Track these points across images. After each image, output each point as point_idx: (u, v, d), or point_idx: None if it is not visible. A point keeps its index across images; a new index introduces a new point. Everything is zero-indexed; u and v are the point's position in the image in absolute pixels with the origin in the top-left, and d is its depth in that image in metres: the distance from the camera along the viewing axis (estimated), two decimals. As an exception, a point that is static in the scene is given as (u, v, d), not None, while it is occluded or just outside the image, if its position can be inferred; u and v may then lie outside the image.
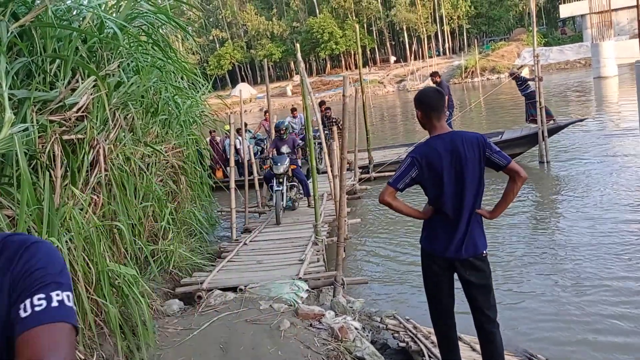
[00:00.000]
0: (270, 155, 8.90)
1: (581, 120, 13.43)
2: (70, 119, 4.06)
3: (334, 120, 12.60)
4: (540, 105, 11.55)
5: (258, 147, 14.12)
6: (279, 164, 8.39)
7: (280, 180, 8.46)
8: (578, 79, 32.26)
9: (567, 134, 13.62)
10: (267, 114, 15.10)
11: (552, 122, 12.18)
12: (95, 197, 4.18)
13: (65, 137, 3.92)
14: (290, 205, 8.91)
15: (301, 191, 9.25)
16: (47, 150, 3.70)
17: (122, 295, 4.02)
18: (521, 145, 12.25)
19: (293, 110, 16.50)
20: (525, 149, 12.33)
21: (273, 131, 10.31)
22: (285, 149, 8.77)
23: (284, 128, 9.13)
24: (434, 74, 13.41)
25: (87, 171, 4.10)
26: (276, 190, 8.30)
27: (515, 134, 12.71)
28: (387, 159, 12.79)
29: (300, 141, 9.82)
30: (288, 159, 8.55)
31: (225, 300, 5.05)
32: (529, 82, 12.38)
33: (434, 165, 3.13)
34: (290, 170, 8.66)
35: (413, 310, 5.67)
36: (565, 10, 51.22)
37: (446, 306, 3.40)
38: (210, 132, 12.71)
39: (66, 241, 3.47)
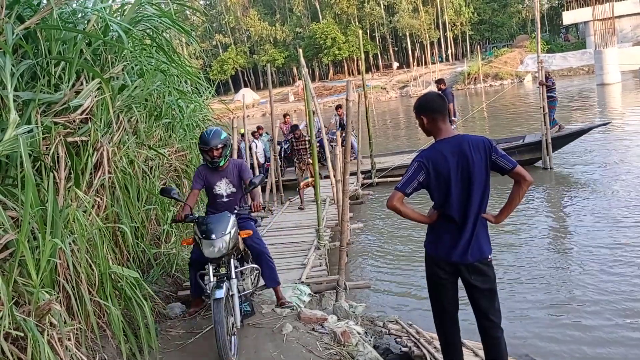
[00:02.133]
0: (189, 208, 4.51)
1: (605, 124, 13.44)
2: (74, 121, 4.06)
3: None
4: (543, 111, 11.54)
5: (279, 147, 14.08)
6: (213, 237, 4.09)
7: (221, 269, 4.30)
8: (581, 86, 32.27)
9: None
10: (287, 117, 15.12)
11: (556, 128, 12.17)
12: (98, 199, 4.18)
13: (69, 139, 3.92)
14: (248, 311, 4.65)
15: (261, 278, 4.81)
16: (51, 152, 3.70)
17: (125, 298, 4.01)
18: (539, 150, 12.18)
19: (258, 128, 14.71)
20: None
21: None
22: (224, 186, 4.65)
23: (218, 146, 4.48)
24: (439, 81, 13.41)
25: (90, 173, 4.09)
26: (215, 299, 3.85)
27: (536, 138, 12.57)
28: (389, 164, 12.77)
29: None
30: (233, 219, 4.25)
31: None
32: (555, 87, 12.31)
33: (440, 169, 3.12)
34: (239, 243, 4.43)
35: (416, 315, 5.66)
36: (568, 17, 51.32)
37: (450, 311, 3.38)
38: None
39: (69, 243, 3.46)
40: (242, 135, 13.52)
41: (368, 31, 63.96)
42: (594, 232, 7.34)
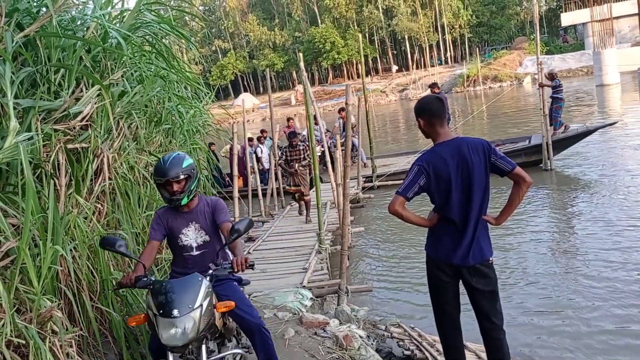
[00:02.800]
0: (143, 267, 3.22)
1: (612, 124, 13.40)
2: (74, 128, 4.07)
3: (353, 126, 12.59)
4: (543, 113, 11.56)
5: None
6: (175, 314, 2.80)
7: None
8: (580, 87, 32.28)
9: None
10: (291, 120, 15.04)
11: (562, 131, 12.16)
12: (99, 205, 4.18)
13: (69, 145, 3.93)
14: None
15: None
16: (51, 159, 3.70)
17: (126, 304, 4.01)
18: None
19: (262, 132, 14.45)
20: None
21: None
22: (193, 234, 3.46)
23: (180, 177, 3.28)
24: (433, 85, 13.48)
25: (91, 180, 4.10)
26: None
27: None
28: (391, 167, 12.79)
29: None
30: (205, 285, 2.98)
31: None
32: (561, 88, 12.27)
33: (441, 172, 3.12)
34: (216, 318, 3.09)
35: (418, 318, 5.65)
36: (566, 19, 51.41)
37: (452, 314, 3.38)
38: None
39: (71, 249, 3.46)
40: (250, 139, 13.52)
41: (367, 35, 64.13)
42: (591, 235, 7.32)
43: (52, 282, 3.33)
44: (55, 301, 3.22)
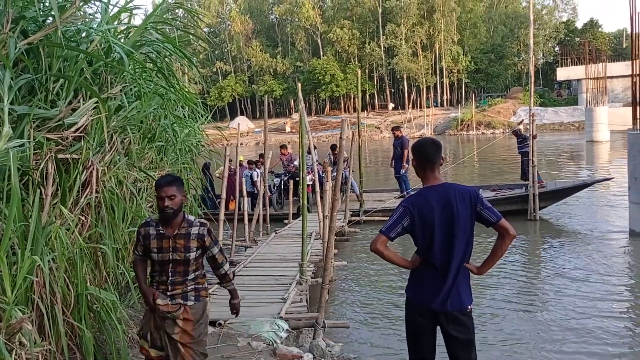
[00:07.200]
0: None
1: (607, 179, 13.68)
2: (67, 138, 4.07)
3: (345, 159, 12.66)
4: (533, 164, 11.72)
5: (273, 181, 14.02)
6: None
7: None
8: (571, 141, 32.84)
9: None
10: (284, 148, 15.04)
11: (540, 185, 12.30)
12: (83, 218, 4.15)
13: (60, 155, 3.92)
14: None
15: None
16: (40, 167, 3.69)
17: (99, 321, 3.94)
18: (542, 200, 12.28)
19: (261, 156, 13.35)
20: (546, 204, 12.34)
21: (292, 164, 9.18)
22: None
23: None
24: (395, 129, 13.71)
25: (78, 191, 4.08)
26: None
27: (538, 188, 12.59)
28: (379, 203, 12.83)
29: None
30: None
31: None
32: (528, 142, 12.49)
33: (425, 215, 3.14)
34: None
35: (393, 358, 5.59)
36: (562, 74, 52.72)
37: (426, 358, 3.35)
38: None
39: (49, 260, 3.42)
40: (241, 163, 13.50)
41: (367, 71, 65.14)
42: (565, 290, 7.32)
43: (26, 292, 3.28)
44: (27, 312, 3.16)
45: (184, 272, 3.43)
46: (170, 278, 3.40)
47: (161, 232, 3.35)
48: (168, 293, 3.39)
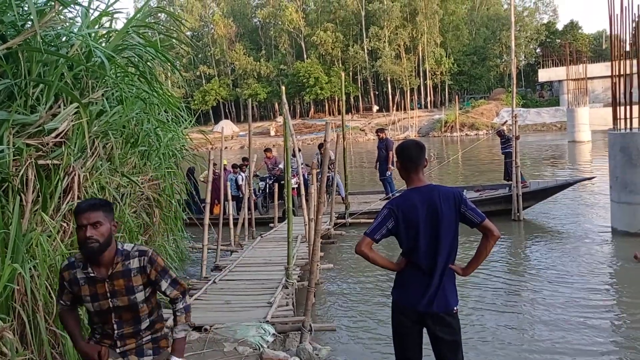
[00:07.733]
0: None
1: (589, 179, 13.89)
2: (47, 144, 4.02)
3: (331, 162, 12.67)
4: (516, 164, 11.83)
5: (258, 185, 14.02)
6: None
7: None
8: (553, 142, 33.23)
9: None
10: (269, 152, 15.09)
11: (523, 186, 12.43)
12: (65, 224, 4.09)
13: (40, 161, 3.87)
14: None
15: None
16: (20, 174, 3.64)
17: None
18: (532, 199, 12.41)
19: (244, 160, 14.04)
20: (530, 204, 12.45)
21: (277, 168, 9.14)
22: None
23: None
24: (379, 131, 13.76)
25: (59, 198, 4.03)
26: None
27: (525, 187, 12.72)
28: (364, 205, 12.86)
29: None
30: None
31: (188, 339, 4.91)
32: (511, 142, 12.61)
33: (409, 217, 3.15)
34: None
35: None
36: (543, 75, 53.35)
37: (412, 359, 3.36)
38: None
39: (30, 268, 3.37)
40: (226, 168, 13.46)
41: (351, 73, 65.30)
42: (550, 292, 7.38)
43: (7, 301, 3.23)
44: (8, 321, 3.11)
45: (133, 321, 2.67)
46: (117, 331, 2.64)
47: (91, 274, 2.55)
48: (117, 350, 2.65)
